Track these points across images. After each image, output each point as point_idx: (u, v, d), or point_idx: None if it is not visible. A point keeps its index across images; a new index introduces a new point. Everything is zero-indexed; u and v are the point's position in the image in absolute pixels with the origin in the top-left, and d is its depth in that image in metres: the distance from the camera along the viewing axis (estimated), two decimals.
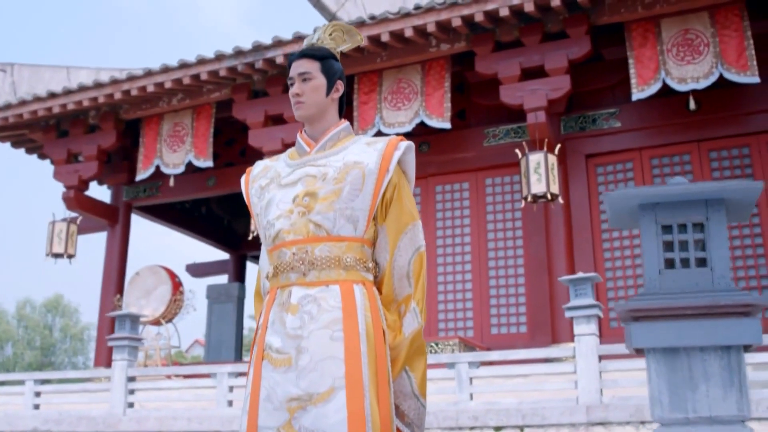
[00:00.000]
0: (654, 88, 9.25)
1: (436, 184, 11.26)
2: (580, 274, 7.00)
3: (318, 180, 2.51)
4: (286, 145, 10.81)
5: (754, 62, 8.92)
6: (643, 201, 2.47)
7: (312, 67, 2.59)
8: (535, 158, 9.48)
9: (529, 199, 9.50)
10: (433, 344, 9.18)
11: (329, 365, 2.31)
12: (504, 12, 9.34)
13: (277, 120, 11.11)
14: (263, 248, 2.73)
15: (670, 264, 2.60)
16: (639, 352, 2.62)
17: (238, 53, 10.57)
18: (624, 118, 10.37)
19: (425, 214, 11.10)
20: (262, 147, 10.87)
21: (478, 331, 10.40)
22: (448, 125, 10.19)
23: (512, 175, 10.85)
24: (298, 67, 2.60)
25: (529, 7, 9.25)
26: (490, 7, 9.36)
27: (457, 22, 9.54)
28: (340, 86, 2.67)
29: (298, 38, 10.22)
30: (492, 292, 10.53)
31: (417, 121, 10.33)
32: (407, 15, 9.68)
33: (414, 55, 10.30)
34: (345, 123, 2.67)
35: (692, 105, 9.39)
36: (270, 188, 2.62)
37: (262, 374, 2.39)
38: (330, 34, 2.68)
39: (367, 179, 2.50)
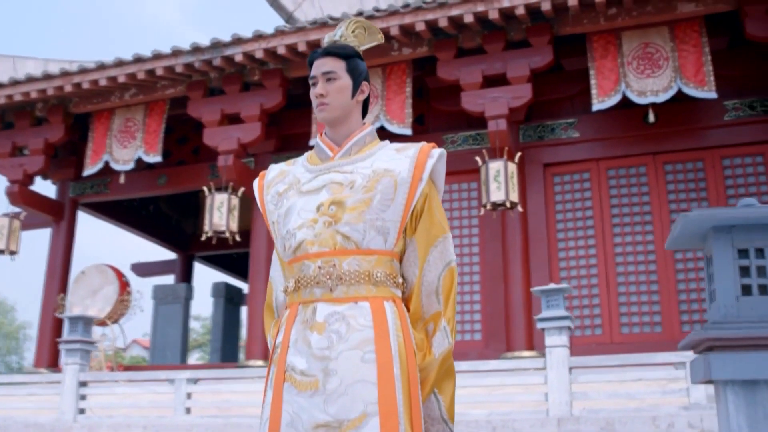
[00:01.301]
0: (614, 99, 9.32)
1: None
2: (552, 285, 6.96)
3: (345, 188, 2.33)
4: (243, 146, 10.62)
5: (712, 78, 9.04)
6: (718, 223, 2.34)
7: (337, 66, 2.41)
8: (495, 166, 9.45)
9: (489, 206, 9.47)
10: None
11: (361, 389, 2.13)
12: (468, 18, 9.31)
13: (234, 119, 10.89)
14: (275, 258, 2.55)
15: (746, 290, 2.42)
16: (711, 384, 2.40)
17: (196, 50, 10.32)
18: (582, 129, 10.43)
19: None
20: (218, 146, 10.63)
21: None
22: (408, 131, 10.11)
23: (470, 182, 10.82)
24: (321, 66, 2.41)
25: (493, 15, 9.23)
26: (454, 12, 9.31)
27: (420, 27, 9.47)
28: (366, 88, 2.49)
29: (258, 36, 10.04)
30: None
31: (377, 125, 10.22)
32: (370, 18, 9.57)
33: (375, 58, 10.18)
34: (370, 127, 2.50)
35: (651, 118, 9.48)
36: (289, 195, 2.42)
37: (284, 398, 2.20)
38: (353, 31, 2.50)
39: (399, 188, 2.32)
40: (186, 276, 17.26)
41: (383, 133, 10.55)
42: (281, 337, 2.31)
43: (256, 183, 2.60)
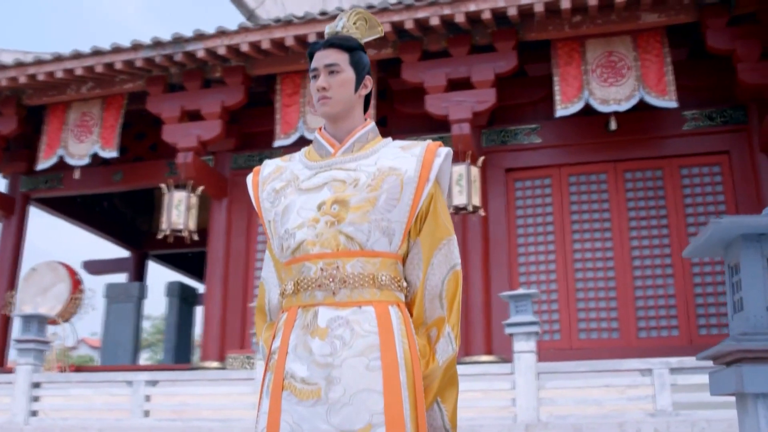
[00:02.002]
0: (577, 106, 9.37)
1: None
2: (520, 290, 6.93)
3: (348, 186, 2.21)
4: (203, 143, 10.44)
5: (673, 87, 9.16)
6: (747, 231, 2.17)
7: (340, 58, 2.29)
8: (458, 170, 9.44)
9: (451, 210, 9.45)
10: None
11: (366, 399, 2.03)
12: (434, 21, 9.28)
13: (194, 116, 10.70)
14: (269, 259, 2.42)
15: None
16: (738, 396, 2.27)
17: (157, 44, 10.12)
18: (545, 135, 10.48)
19: None
20: (177, 143, 10.44)
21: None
22: None
23: None
24: (324, 58, 2.29)
25: (459, 18, 9.22)
26: (420, 15, 9.28)
27: (386, 28, 9.41)
28: (369, 82, 2.38)
29: (221, 33, 9.88)
30: None
31: None
32: (335, 17, 9.46)
33: None
34: (372, 123, 2.39)
35: (613, 126, 9.55)
36: (287, 192, 2.30)
37: (283, 407, 2.08)
38: (354, 23, 2.39)
39: (406, 188, 2.22)
40: (139, 274, 16.95)
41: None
42: (278, 342, 2.19)
43: (249, 179, 2.47)
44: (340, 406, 2.03)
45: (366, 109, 2.41)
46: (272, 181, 2.38)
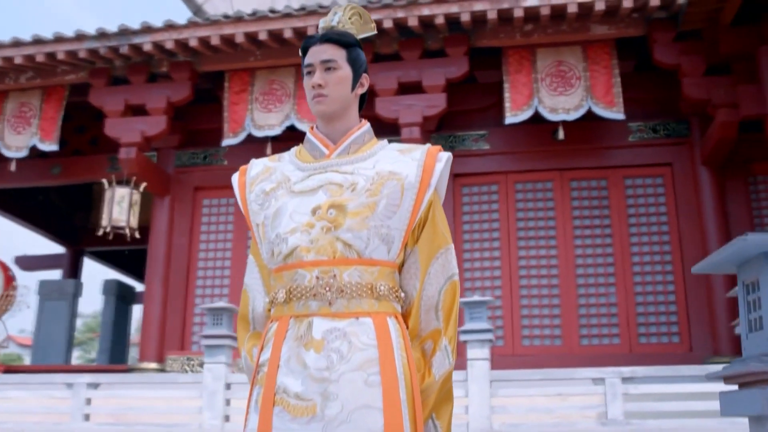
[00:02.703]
0: (526, 114, 9.44)
1: None
2: (476, 297, 6.89)
3: (345, 190, 2.10)
4: (147, 139, 10.20)
5: (621, 99, 9.29)
6: None
7: (338, 54, 2.19)
8: None
9: None
10: None
11: (365, 416, 1.92)
12: (387, 24, 9.24)
13: (138, 111, 10.43)
14: (253, 264, 2.29)
15: None
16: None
17: (102, 35, 9.84)
18: (493, 141, 10.53)
19: None
20: (120, 138, 10.16)
21: None
22: None
23: None
24: (320, 54, 2.18)
25: (412, 22, 9.19)
26: (373, 17, 9.19)
27: None
28: (365, 81, 2.29)
29: (170, 26, 9.66)
30: None
31: (288, 123, 10.03)
32: (288, 15, 9.37)
33: (289, 57, 9.98)
34: (367, 124, 2.28)
35: (561, 135, 9.64)
36: (278, 194, 2.18)
37: (274, 424, 1.95)
38: (350, 18, 2.29)
39: (406, 194, 2.11)
40: (74, 271, 16.48)
41: (289, 133, 10.33)
42: (268, 353, 2.06)
43: (235, 179, 2.33)
44: (337, 423, 1.92)
45: (361, 109, 2.32)
46: (261, 182, 2.25)
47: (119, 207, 9.93)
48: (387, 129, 10.47)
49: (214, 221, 11.08)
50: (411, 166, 2.16)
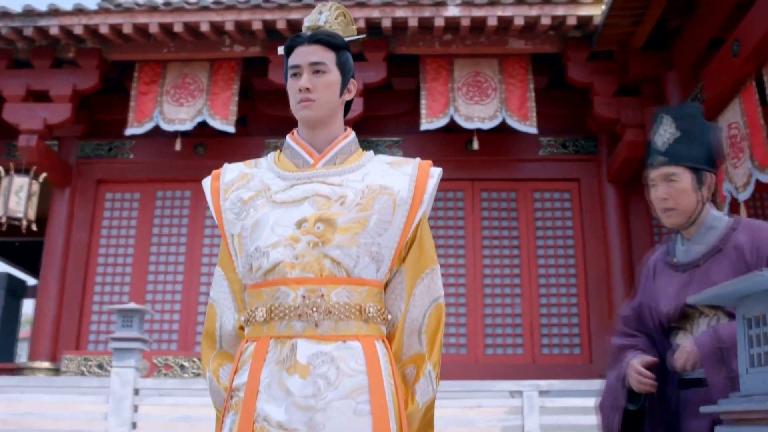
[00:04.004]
0: (443, 121, 9.50)
1: None
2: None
3: (334, 203, 1.96)
4: (49, 127, 9.74)
5: (534, 113, 9.47)
6: None
7: (327, 57, 2.05)
8: None
9: None
10: (195, 359, 8.62)
11: None
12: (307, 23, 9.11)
13: (41, 97, 9.93)
14: (221, 277, 2.11)
15: None
16: None
17: (4, 14, 9.32)
18: (407, 148, 10.52)
19: (193, 220, 10.52)
20: (19, 124, 9.65)
21: None
22: (231, 129, 9.74)
23: None
24: (309, 55, 2.04)
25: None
26: (293, 16, 9.09)
27: (257, 26, 9.16)
28: (353, 87, 2.14)
29: (79, 11, 9.25)
30: None
31: (199, 119, 9.76)
32: (205, 8, 9.13)
33: (204, 51, 9.74)
34: (353, 134, 2.14)
35: (475, 145, 9.72)
36: (257, 204, 2.01)
37: None
38: (336, 18, 2.14)
39: (398, 210, 1.99)
40: None
41: (199, 130, 10.05)
42: (244, 377, 1.90)
43: (207, 184, 2.15)
44: None
45: (345, 116, 2.18)
46: (237, 189, 2.08)
47: (17, 197, 9.42)
48: None
49: (117, 216, 10.67)
50: (402, 181, 2.05)
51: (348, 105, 2.18)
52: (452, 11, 9.00)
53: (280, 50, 2.19)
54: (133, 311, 6.53)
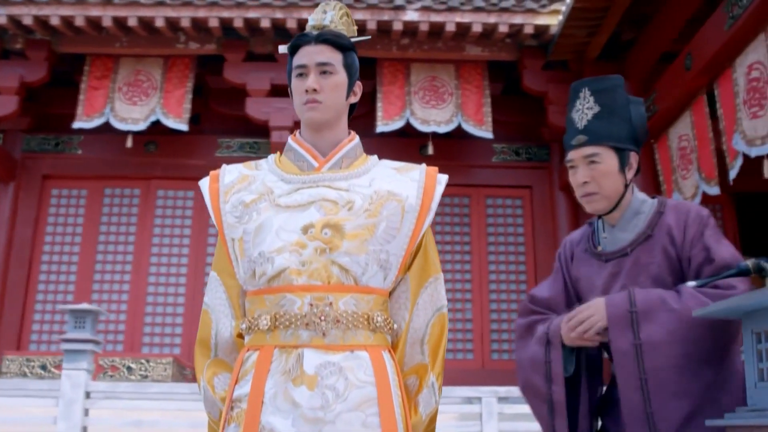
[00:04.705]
0: (398, 124, 9.51)
1: (159, 188, 10.49)
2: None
3: (341, 208, 1.91)
4: None
5: (490, 119, 9.55)
6: None
7: (334, 58, 1.98)
8: None
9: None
10: (143, 361, 8.44)
11: None
12: (265, 23, 9.04)
13: None
14: (217, 282, 2.03)
15: None
16: None
17: None
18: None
19: (143, 219, 10.31)
20: None
21: (185, 349, 9.79)
22: (185, 127, 9.60)
23: None
24: (316, 55, 1.97)
25: (291, 24, 9.06)
26: (251, 15, 9.00)
27: (214, 23, 9.03)
28: (358, 89, 2.08)
29: (29, 0, 8.97)
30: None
31: (153, 119, 9.58)
32: (161, 4, 8.96)
33: (158, 47, 9.57)
34: (357, 137, 2.08)
35: (430, 150, 9.73)
36: (260, 207, 1.94)
37: None
38: (341, 18, 2.06)
39: (407, 217, 1.94)
40: None
41: (150, 126, 9.84)
42: (246, 388, 1.83)
43: (205, 185, 2.07)
44: None
45: (348, 119, 2.12)
46: (239, 192, 2.00)
47: None
48: (254, 130, 10.26)
49: (63, 213, 10.39)
50: (411, 188, 2.00)
51: (352, 108, 2.11)
52: (411, 15, 9.01)
53: (282, 49, 2.12)
54: (86, 312, 6.33)
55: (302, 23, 9.07)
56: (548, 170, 10.47)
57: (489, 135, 9.51)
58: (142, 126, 9.53)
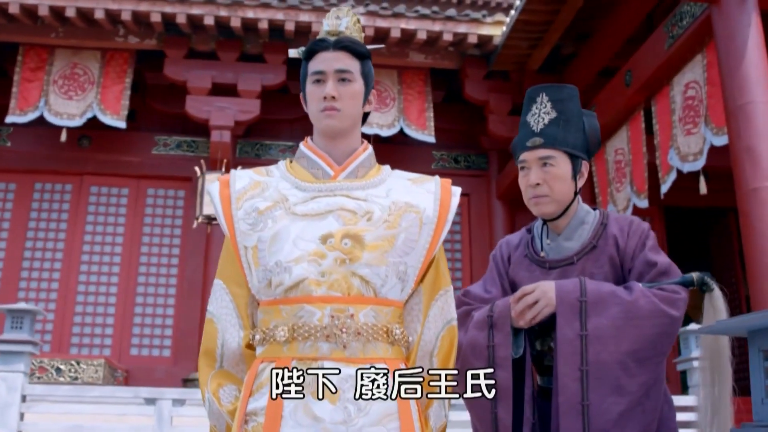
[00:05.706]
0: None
1: (92, 185, 10.21)
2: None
3: (360, 218, 1.87)
4: None
5: (432, 123, 9.66)
6: None
7: (353, 65, 1.95)
8: (214, 178, 9.08)
9: (201, 219, 9.08)
10: (73, 363, 8.20)
11: None
12: (208, 20, 8.91)
13: None
14: (223, 290, 1.96)
15: None
16: None
17: None
18: None
19: (75, 216, 10.02)
20: None
21: (116, 350, 9.55)
22: (123, 124, 9.38)
23: (178, 189, 10.27)
24: (335, 62, 1.94)
25: (234, 23, 8.95)
26: (195, 11, 8.85)
27: (155, 18, 8.85)
28: (373, 98, 2.06)
29: None
30: (138, 310, 9.73)
31: (90, 114, 9.33)
32: None
33: (96, 39, 9.32)
34: (370, 147, 2.05)
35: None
36: (276, 215, 1.89)
37: None
38: (354, 24, 2.03)
39: (424, 228, 1.93)
40: None
41: (86, 121, 9.56)
42: (263, 401, 1.79)
43: (215, 190, 2.00)
44: None
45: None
46: (252, 198, 1.95)
47: None
48: (193, 129, 10.10)
49: None
50: (428, 199, 1.99)
51: (365, 117, 2.09)
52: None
53: (293, 53, 2.08)
54: (24, 312, 6.09)
55: (245, 22, 8.99)
56: (486, 178, 10.59)
57: (431, 139, 9.59)
58: (78, 122, 9.27)
